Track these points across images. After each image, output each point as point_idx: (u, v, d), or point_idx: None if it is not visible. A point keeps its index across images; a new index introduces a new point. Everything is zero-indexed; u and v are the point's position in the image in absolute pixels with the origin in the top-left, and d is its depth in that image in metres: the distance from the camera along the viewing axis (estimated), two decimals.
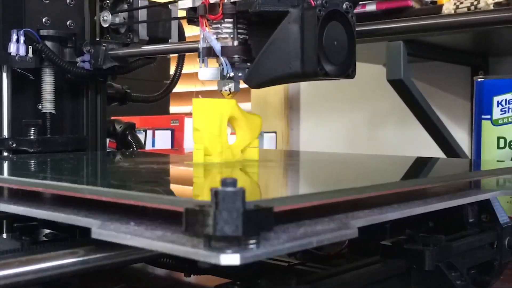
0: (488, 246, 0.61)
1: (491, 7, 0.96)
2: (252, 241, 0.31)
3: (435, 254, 0.52)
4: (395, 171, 0.69)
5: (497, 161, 0.83)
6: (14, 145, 0.80)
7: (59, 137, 0.86)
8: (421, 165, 0.75)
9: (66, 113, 0.90)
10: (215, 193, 0.31)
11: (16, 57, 0.79)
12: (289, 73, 0.58)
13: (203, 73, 0.65)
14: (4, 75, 0.81)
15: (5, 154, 0.80)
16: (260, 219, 0.32)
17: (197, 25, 0.64)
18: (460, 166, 0.81)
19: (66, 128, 0.90)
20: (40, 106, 0.85)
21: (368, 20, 1.08)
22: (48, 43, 0.83)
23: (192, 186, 0.54)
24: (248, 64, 0.63)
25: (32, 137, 0.83)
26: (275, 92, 1.69)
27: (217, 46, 0.62)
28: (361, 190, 0.44)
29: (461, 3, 0.99)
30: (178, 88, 1.09)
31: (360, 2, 1.06)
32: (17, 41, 0.79)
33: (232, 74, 0.63)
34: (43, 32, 0.83)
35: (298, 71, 0.57)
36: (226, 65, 0.62)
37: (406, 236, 0.56)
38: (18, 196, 0.50)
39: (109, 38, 0.86)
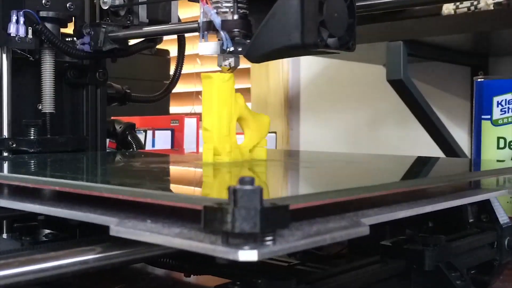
0: (488, 246, 0.61)
1: (491, 7, 0.96)
2: (268, 238, 0.32)
3: (435, 254, 0.52)
4: (398, 171, 0.69)
5: (497, 161, 0.83)
6: (14, 145, 0.80)
7: (59, 137, 0.86)
8: (422, 165, 0.75)
9: (66, 113, 0.90)
10: (233, 191, 0.32)
11: (16, 38, 0.79)
12: (289, 45, 0.57)
13: (203, 47, 0.64)
14: (4, 56, 0.80)
15: (5, 154, 0.80)
16: (276, 217, 0.33)
17: (197, 1, 0.64)
18: (462, 165, 0.81)
19: (66, 128, 0.90)
20: (40, 106, 0.85)
21: (368, 20, 1.08)
22: (48, 25, 0.82)
23: (206, 185, 0.55)
24: (248, 40, 0.63)
25: (32, 137, 0.82)
26: (275, 92, 1.69)
27: (217, 20, 0.62)
28: (370, 189, 0.45)
29: (461, 3, 0.99)
30: (178, 88, 1.09)
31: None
32: (17, 22, 0.79)
33: (232, 48, 0.62)
34: (43, 13, 0.82)
35: (298, 43, 0.56)
36: (226, 39, 0.62)
37: (406, 236, 0.56)
38: (32, 194, 0.50)
39: (109, 20, 0.86)
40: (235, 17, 0.63)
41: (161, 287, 0.68)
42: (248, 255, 0.31)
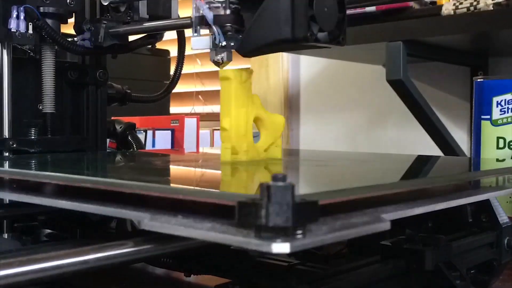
0: (487, 246, 0.61)
1: (491, 7, 0.96)
2: (298, 232, 0.34)
3: (435, 254, 0.52)
4: (411, 169, 0.71)
5: (497, 160, 0.83)
6: (14, 145, 0.80)
7: (59, 137, 0.86)
8: (429, 164, 0.76)
9: (66, 113, 0.90)
10: (267, 187, 0.33)
11: (16, 33, 0.79)
12: (280, 39, 0.58)
13: (196, 42, 0.65)
14: (5, 51, 0.80)
15: (6, 154, 0.80)
16: (307, 212, 0.34)
17: None
18: (465, 165, 0.81)
19: (67, 128, 0.90)
20: (40, 106, 0.85)
21: (368, 20, 1.08)
22: (48, 21, 0.82)
23: (230, 182, 0.57)
24: (240, 35, 0.63)
25: (32, 137, 0.83)
26: (275, 92, 1.69)
27: (209, 15, 0.63)
28: (391, 186, 0.48)
29: (461, 3, 0.99)
30: (178, 88, 1.09)
31: (359, 4, 1.06)
32: (17, 17, 0.79)
33: (224, 43, 0.63)
34: (43, 9, 0.82)
35: (288, 37, 0.57)
36: (219, 34, 0.63)
37: (406, 236, 0.56)
38: (60, 192, 0.51)
39: (109, 16, 0.86)
40: (227, 12, 0.63)
41: (161, 287, 0.69)
42: (281, 247, 0.32)
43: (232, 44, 0.63)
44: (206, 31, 0.65)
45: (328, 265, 0.55)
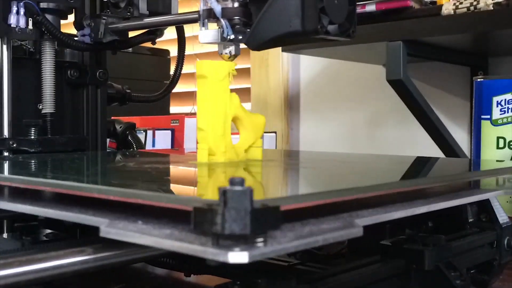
0: (487, 246, 0.61)
1: (491, 7, 0.96)
2: (259, 240, 0.32)
3: (435, 254, 0.52)
4: (396, 171, 0.69)
5: (497, 160, 0.83)
6: (14, 145, 0.80)
7: (59, 137, 0.86)
8: (421, 165, 0.75)
9: (66, 113, 0.90)
10: (223, 192, 0.31)
11: (16, 29, 0.79)
12: (289, 32, 0.57)
13: (204, 35, 0.64)
14: (5, 47, 0.80)
15: (6, 154, 0.80)
16: (267, 218, 0.32)
17: None
18: (461, 166, 0.81)
19: (67, 128, 0.90)
20: (40, 106, 0.85)
21: (368, 20, 1.08)
22: (48, 16, 0.82)
23: (198, 185, 0.55)
24: (248, 29, 0.62)
25: (32, 137, 0.83)
26: (275, 92, 1.69)
27: (217, 8, 0.62)
28: (365, 189, 0.44)
29: (461, 3, 0.99)
30: (178, 88, 1.09)
31: (359, 2, 1.06)
32: (17, 12, 0.79)
33: (232, 36, 0.62)
34: (43, 5, 0.82)
35: (298, 30, 0.56)
36: (227, 27, 0.62)
37: (406, 236, 0.56)
38: (24, 195, 0.50)
39: (109, 12, 0.85)
40: (235, 5, 0.63)
41: (161, 287, 0.69)
42: (238, 257, 0.30)
43: (240, 37, 0.63)
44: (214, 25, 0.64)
45: (328, 265, 0.55)
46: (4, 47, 0.80)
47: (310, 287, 0.44)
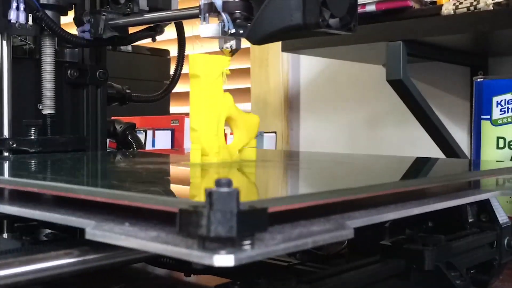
0: (487, 246, 0.61)
1: (491, 7, 0.96)
2: (246, 242, 0.31)
3: (435, 254, 0.52)
4: (395, 171, 0.69)
5: (497, 161, 0.83)
6: (14, 145, 0.80)
7: (59, 137, 0.86)
8: (420, 165, 0.75)
9: (66, 113, 0.90)
10: (209, 194, 0.31)
11: (16, 24, 0.79)
12: (290, 26, 0.57)
13: (204, 30, 0.64)
14: (5, 43, 0.80)
15: (6, 154, 0.80)
16: (254, 220, 0.32)
17: None
18: (460, 166, 0.81)
19: (67, 128, 0.90)
20: (40, 106, 0.85)
21: (368, 20, 1.08)
22: (48, 12, 0.82)
23: (188, 186, 0.54)
24: (249, 24, 0.62)
25: (32, 137, 0.83)
26: (275, 92, 1.69)
27: (218, 2, 0.62)
28: (357, 190, 0.43)
29: (461, 3, 0.99)
30: (178, 88, 1.09)
31: (360, 3, 1.06)
32: (17, 8, 0.79)
33: (233, 30, 0.62)
34: (43, 0, 0.82)
35: (299, 23, 0.56)
36: (228, 21, 0.62)
37: (406, 236, 0.56)
38: (15, 196, 0.50)
39: (109, 8, 0.85)
40: None
41: (161, 287, 0.68)
42: (224, 260, 0.30)
43: (241, 31, 0.62)
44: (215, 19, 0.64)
45: (328, 265, 0.55)
46: (4, 43, 0.80)
47: (310, 287, 0.44)
